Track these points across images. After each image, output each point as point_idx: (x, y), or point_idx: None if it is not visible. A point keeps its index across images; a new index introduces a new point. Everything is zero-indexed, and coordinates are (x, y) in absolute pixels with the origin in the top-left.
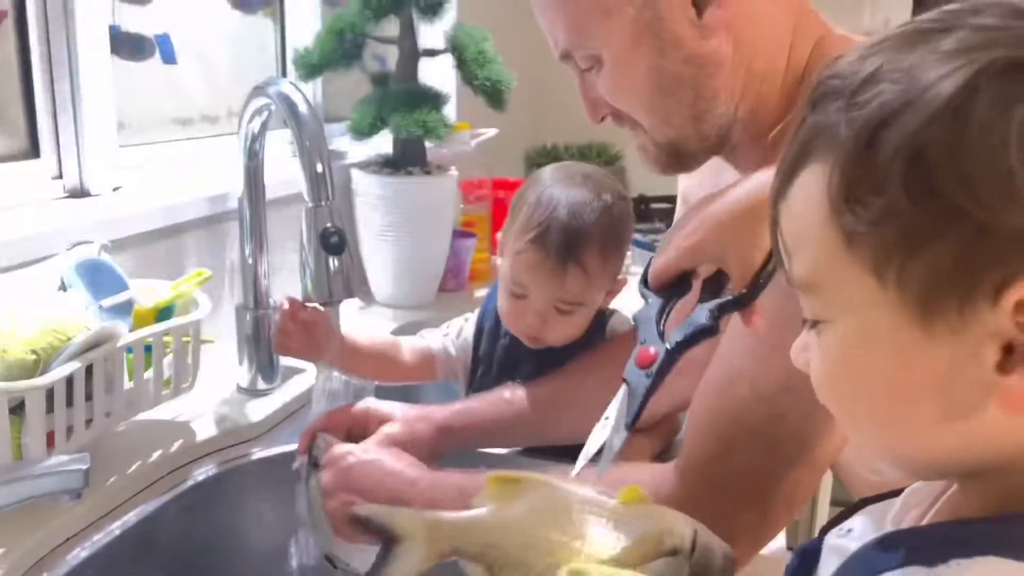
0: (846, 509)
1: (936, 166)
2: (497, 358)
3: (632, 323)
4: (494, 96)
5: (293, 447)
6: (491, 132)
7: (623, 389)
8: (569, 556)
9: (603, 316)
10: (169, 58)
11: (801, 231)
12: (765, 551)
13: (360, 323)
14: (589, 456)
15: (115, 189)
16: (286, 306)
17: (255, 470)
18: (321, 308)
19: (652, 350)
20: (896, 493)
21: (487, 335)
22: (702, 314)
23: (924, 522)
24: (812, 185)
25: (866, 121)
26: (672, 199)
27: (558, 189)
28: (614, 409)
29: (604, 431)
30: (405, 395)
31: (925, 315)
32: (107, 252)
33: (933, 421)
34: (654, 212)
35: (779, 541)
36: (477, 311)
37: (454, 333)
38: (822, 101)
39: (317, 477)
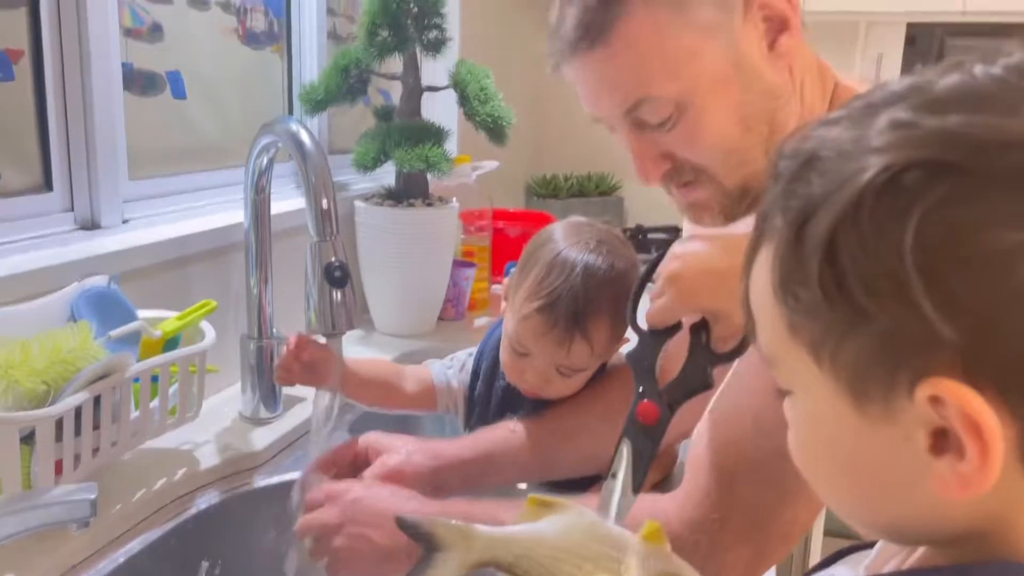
0: (829, 556)
1: (844, 267)
2: (495, 400)
3: (623, 358)
4: (495, 132)
5: (296, 475)
6: (492, 165)
7: (628, 447)
8: (595, 571)
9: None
10: (180, 94)
11: (759, 308)
12: None
13: (361, 352)
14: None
15: (125, 221)
16: (292, 342)
17: (258, 498)
18: (324, 341)
19: (654, 409)
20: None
21: (484, 376)
22: (698, 374)
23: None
24: (763, 267)
25: (796, 214)
26: (669, 229)
27: (572, 253)
28: (621, 467)
29: (613, 490)
30: (404, 426)
31: (857, 401)
32: (116, 283)
33: (885, 495)
34: (651, 242)
35: (770, 574)
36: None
37: (457, 366)
38: (772, 183)
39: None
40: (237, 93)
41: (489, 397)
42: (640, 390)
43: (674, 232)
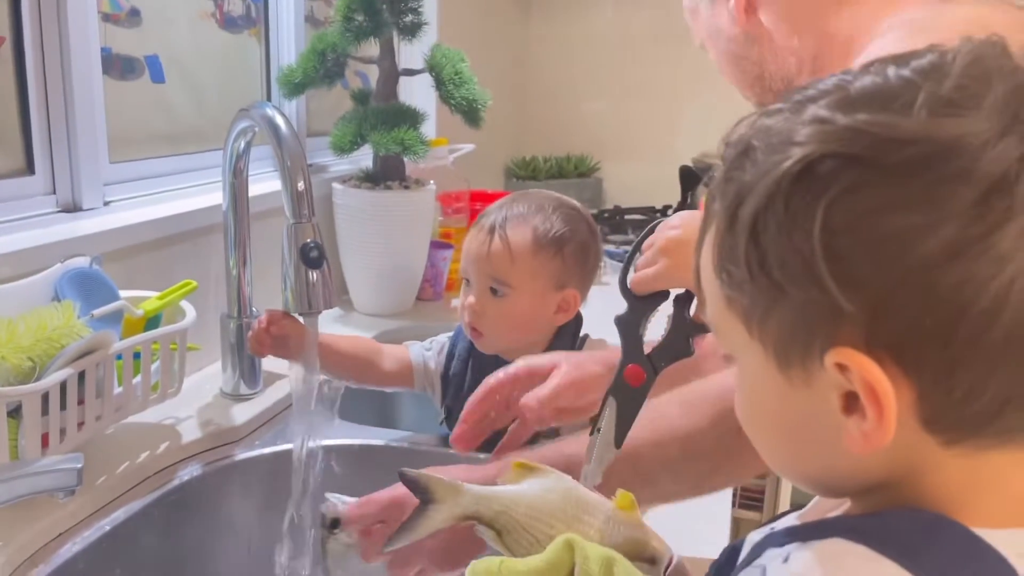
0: (776, 516)
1: (765, 247)
2: (469, 378)
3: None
4: (470, 114)
5: (274, 449)
6: (468, 147)
7: (613, 406)
8: (566, 532)
9: (574, 341)
10: (158, 77)
11: (705, 282)
12: (710, 552)
13: (340, 331)
14: (592, 472)
15: (106, 203)
16: (263, 319)
17: (238, 471)
18: (299, 318)
19: (641, 372)
20: None
21: (459, 355)
22: (681, 342)
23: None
24: (708, 246)
25: (731, 199)
26: (646, 210)
27: (516, 197)
28: (604, 423)
29: (596, 444)
30: (382, 402)
31: (781, 366)
32: (98, 264)
33: (810, 450)
34: (628, 223)
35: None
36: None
37: (436, 348)
38: (719, 167)
39: (337, 539)
40: (215, 77)
41: (464, 376)
42: (628, 353)
43: (651, 212)
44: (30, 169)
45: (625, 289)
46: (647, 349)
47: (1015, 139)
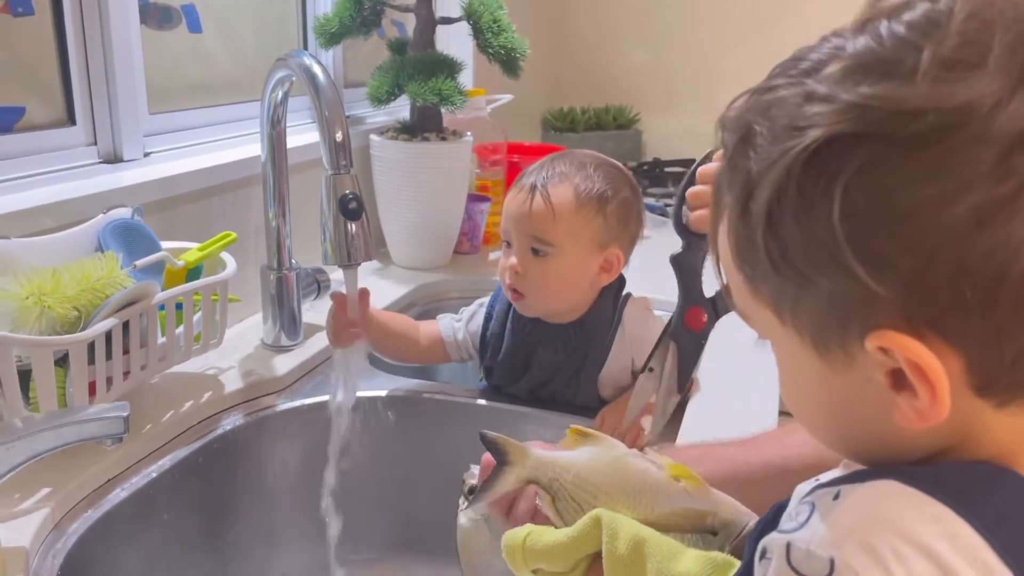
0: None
1: (785, 238)
2: (507, 341)
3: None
4: (508, 63)
5: (315, 399)
6: (506, 98)
7: (672, 347)
8: (609, 502)
9: (616, 298)
10: (195, 27)
11: (726, 272)
12: None
13: (378, 283)
14: (638, 409)
15: (146, 155)
16: (339, 300)
17: (280, 420)
18: (366, 291)
19: (703, 315)
20: None
21: (496, 316)
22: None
23: None
24: (723, 237)
25: (739, 190)
26: (687, 163)
27: (553, 160)
28: (660, 363)
29: (650, 384)
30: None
31: (819, 352)
32: (139, 215)
33: (859, 428)
34: (668, 176)
35: None
36: (490, 295)
37: (466, 317)
38: (722, 152)
39: (476, 513)
40: (252, 26)
41: (502, 336)
42: (687, 295)
43: (690, 165)
44: (71, 120)
45: (680, 226)
46: (708, 292)
47: (1021, 95)
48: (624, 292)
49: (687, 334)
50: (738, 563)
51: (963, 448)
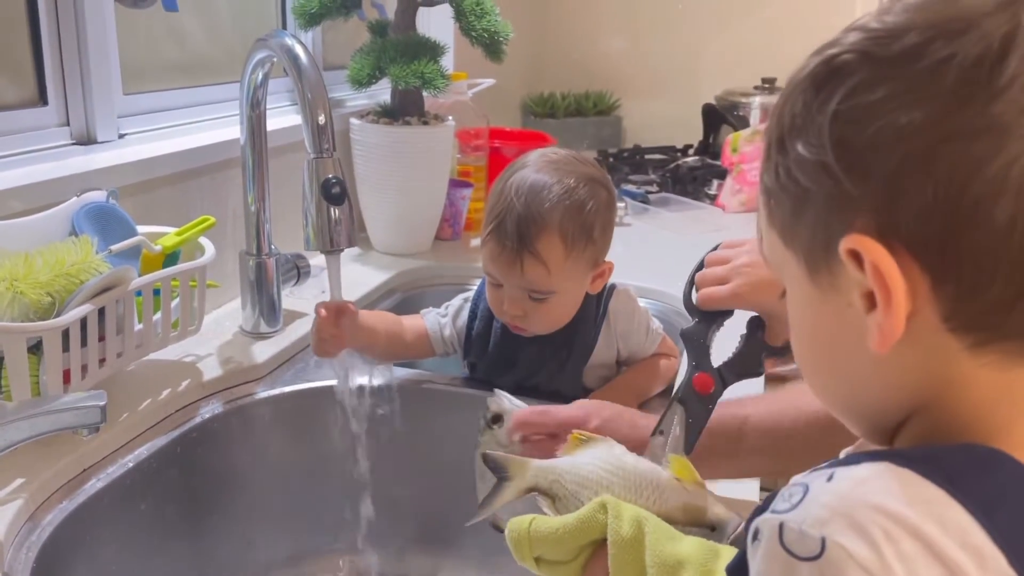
0: None
1: (789, 154)
2: (494, 337)
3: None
4: (491, 47)
5: (296, 387)
6: (488, 82)
7: (679, 412)
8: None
9: (600, 295)
10: (171, 5)
11: (759, 213)
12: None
13: (359, 270)
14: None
15: (121, 136)
16: (323, 313)
17: (259, 408)
18: (351, 305)
19: (710, 381)
20: None
21: (482, 314)
22: (752, 360)
23: None
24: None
25: (769, 123)
26: (667, 149)
27: (520, 176)
28: (669, 426)
29: (659, 447)
30: None
31: (811, 275)
32: (115, 198)
33: (843, 363)
34: (648, 163)
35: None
36: (474, 291)
37: (451, 314)
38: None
39: (491, 435)
40: (229, 5)
41: (488, 335)
42: (695, 363)
43: (671, 152)
44: (43, 100)
45: (690, 305)
46: (715, 363)
47: (1002, 17)
48: (608, 285)
49: (695, 397)
50: (728, 551)
51: (942, 406)
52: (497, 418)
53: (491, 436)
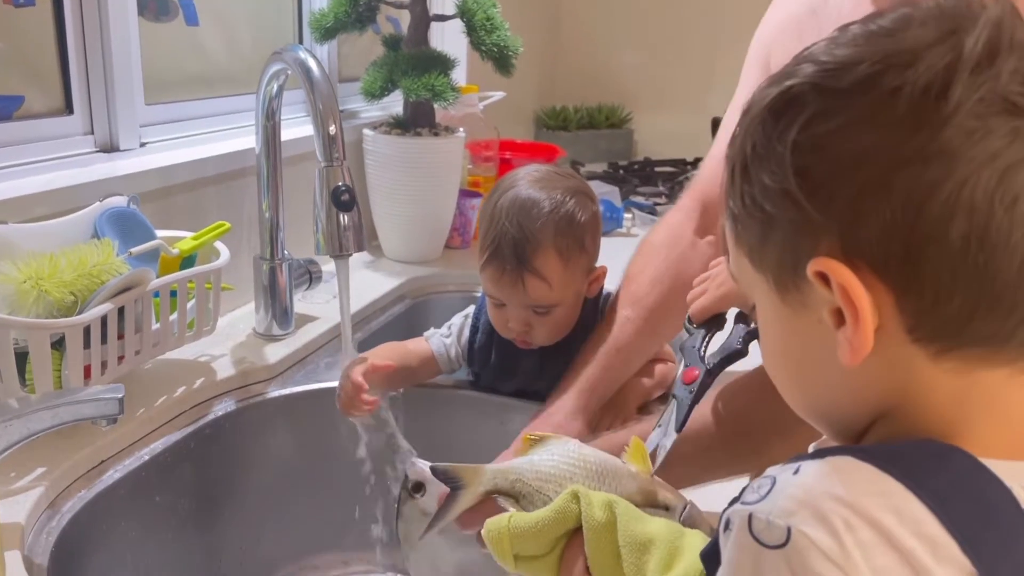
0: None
1: (754, 178)
2: (496, 353)
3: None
4: (501, 61)
5: (306, 387)
6: (498, 95)
7: (673, 403)
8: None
9: (598, 300)
10: (192, 20)
11: (726, 235)
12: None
13: (369, 276)
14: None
15: (142, 144)
16: (358, 378)
17: (270, 408)
18: (380, 363)
19: (695, 371)
20: None
21: (483, 328)
22: (735, 340)
23: None
24: (723, 199)
25: (733, 150)
26: (676, 163)
27: (508, 197)
28: (666, 418)
29: (657, 437)
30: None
31: (781, 294)
32: (135, 204)
33: (813, 376)
34: (658, 175)
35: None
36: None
37: (455, 334)
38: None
39: (413, 505)
40: (248, 20)
41: (489, 349)
42: (686, 364)
43: (681, 165)
44: (68, 109)
45: (688, 325)
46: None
47: (944, 48)
48: (604, 293)
49: (683, 388)
50: (692, 531)
51: (906, 410)
52: (418, 487)
53: (413, 505)
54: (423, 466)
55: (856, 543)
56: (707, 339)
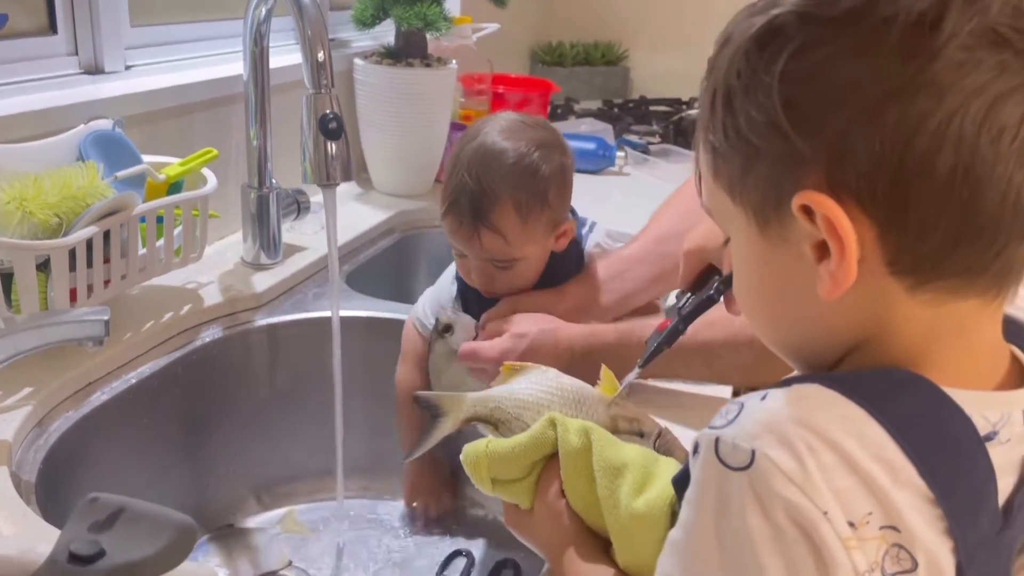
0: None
1: (737, 110)
2: (474, 297)
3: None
4: None
5: (293, 316)
6: (492, 27)
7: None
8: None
9: (580, 249)
10: None
11: (701, 168)
12: None
13: (358, 208)
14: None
15: (128, 67)
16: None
17: (257, 335)
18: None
19: (668, 321)
20: None
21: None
22: (708, 288)
23: None
24: (700, 130)
25: (711, 79)
26: (672, 101)
27: (471, 148)
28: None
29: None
30: (397, 276)
31: (760, 228)
32: (120, 127)
33: (793, 314)
34: (652, 114)
35: None
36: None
37: (429, 312)
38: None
39: (443, 343)
40: None
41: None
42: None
43: (676, 104)
44: (52, 28)
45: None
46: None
47: None
48: (587, 238)
49: (656, 335)
50: (666, 458)
51: (879, 342)
52: (448, 327)
53: (443, 343)
54: (453, 314)
55: (818, 465)
56: (688, 298)
